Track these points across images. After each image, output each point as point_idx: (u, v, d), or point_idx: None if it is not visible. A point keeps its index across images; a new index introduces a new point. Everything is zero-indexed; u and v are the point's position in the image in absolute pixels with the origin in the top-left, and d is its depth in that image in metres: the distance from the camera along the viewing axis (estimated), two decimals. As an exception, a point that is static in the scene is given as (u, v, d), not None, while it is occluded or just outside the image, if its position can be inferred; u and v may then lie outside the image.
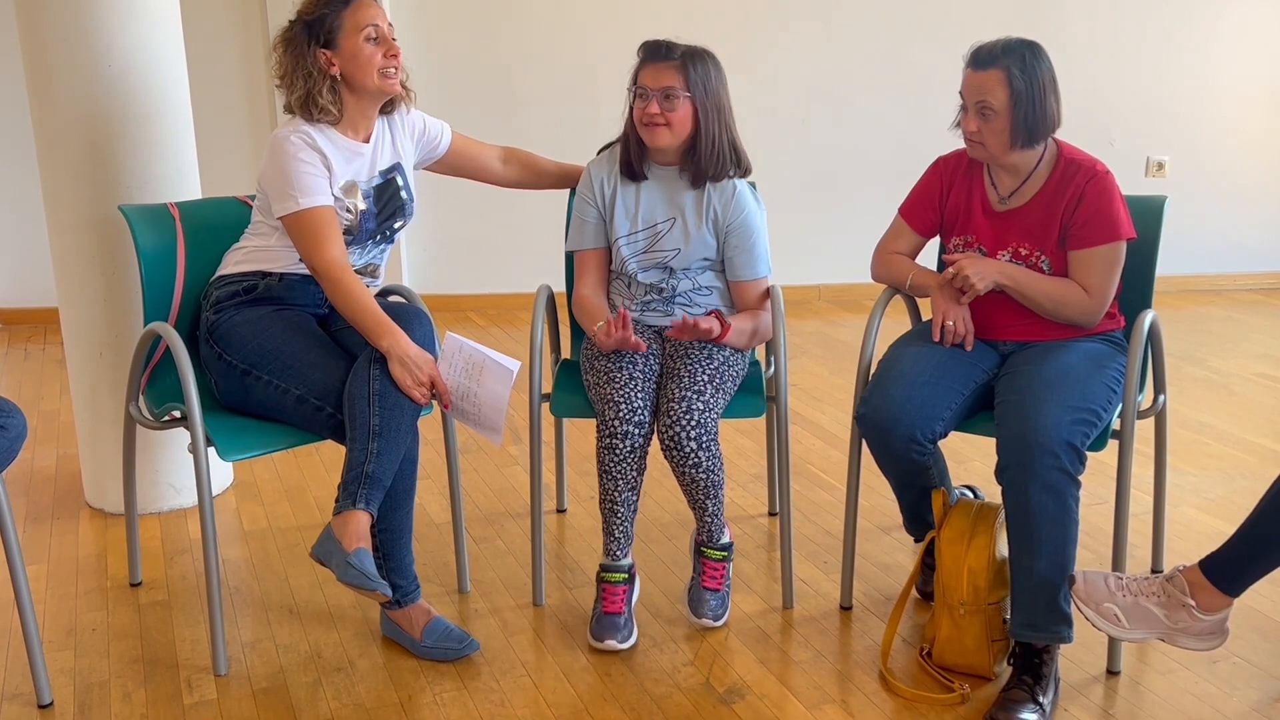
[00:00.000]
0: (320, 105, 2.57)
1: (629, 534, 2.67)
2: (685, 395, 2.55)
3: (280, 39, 2.61)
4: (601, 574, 2.67)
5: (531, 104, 5.57)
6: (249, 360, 2.55)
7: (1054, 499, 2.29)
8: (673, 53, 2.62)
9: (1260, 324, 5.45)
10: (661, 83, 2.61)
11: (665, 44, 2.64)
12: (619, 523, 2.64)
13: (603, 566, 2.67)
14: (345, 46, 2.55)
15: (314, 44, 2.55)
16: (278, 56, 2.61)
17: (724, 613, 2.73)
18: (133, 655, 2.62)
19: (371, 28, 2.55)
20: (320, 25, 2.55)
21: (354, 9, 2.55)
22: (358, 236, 2.66)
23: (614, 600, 2.65)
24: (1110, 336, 2.62)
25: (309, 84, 2.56)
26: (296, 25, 2.58)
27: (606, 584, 2.66)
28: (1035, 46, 2.52)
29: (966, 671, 2.47)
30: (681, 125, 2.63)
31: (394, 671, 2.53)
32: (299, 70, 2.57)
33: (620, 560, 2.67)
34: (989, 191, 2.64)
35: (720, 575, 2.74)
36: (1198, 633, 2.22)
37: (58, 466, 3.73)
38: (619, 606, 2.64)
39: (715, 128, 2.65)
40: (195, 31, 4.21)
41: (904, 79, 5.66)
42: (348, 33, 2.55)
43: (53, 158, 3.15)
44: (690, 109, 2.62)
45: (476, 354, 2.51)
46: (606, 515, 2.65)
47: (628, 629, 2.63)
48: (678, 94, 2.60)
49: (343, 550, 2.28)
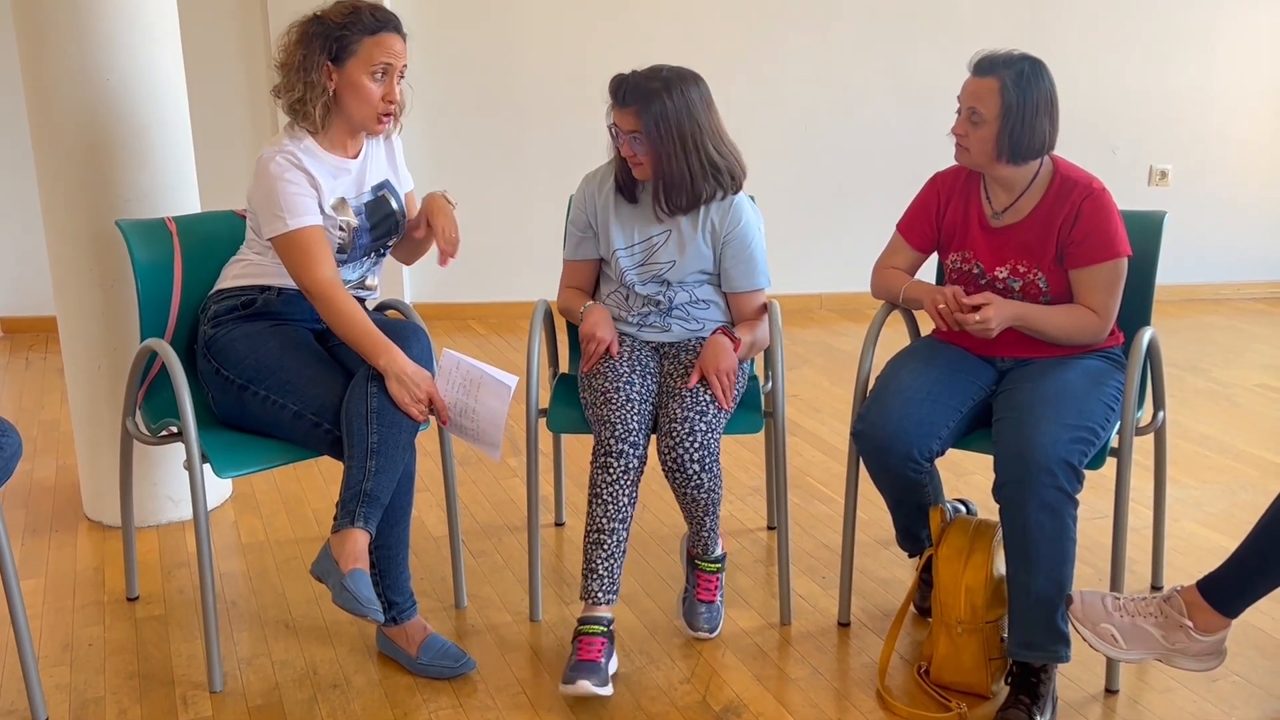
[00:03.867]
0: (308, 115, 2.53)
1: (614, 578, 2.52)
2: (688, 416, 2.54)
3: (298, 28, 2.53)
4: (579, 626, 2.51)
5: (531, 112, 5.57)
6: (246, 375, 2.55)
7: (1051, 518, 2.28)
8: (628, 99, 2.56)
9: (1263, 334, 5.44)
10: (625, 126, 2.59)
11: (625, 86, 2.58)
12: (603, 558, 2.51)
13: (580, 619, 2.52)
14: (350, 72, 2.51)
15: (324, 53, 2.50)
16: (287, 42, 2.54)
17: (718, 624, 2.72)
18: (129, 671, 2.61)
19: (382, 65, 2.51)
20: (338, 40, 2.49)
21: (376, 40, 2.50)
22: (351, 253, 2.65)
23: (590, 649, 2.47)
24: (1109, 353, 2.61)
25: (306, 90, 2.51)
26: (318, 26, 2.51)
27: (583, 635, 2.49)
28: (1038, 64, 2.51)
29: (964, 690, 2.46)
30: (650, 163, 2.61)
31: (390, 689, 2.53)
32: (302, 73, 2.51)
33: (599, 609, 2.51)
34: (985, 206, 2.64)
35: (714, 587, 2.73)
36: (1195, 654, 2.21)
37: (57, 477, 3.73)
38: (595, 655, 2.46)
39: (675, 164, 2.58)
40: (197, 43, 4.23)
41: (907, 88, 5.66)
42: (358, 60, 2.50)
43: (51, 169, 3.15)
44: (649, 150, 2.58)
45: (474, 370, 2.51)
46: (590, 549, 2.52)
47: (603, 676, 2.43)
48: (638, 137, 2.57)
49: (339, 571, 2.27)
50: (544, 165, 5.57)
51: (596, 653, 2.46)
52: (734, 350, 2.64)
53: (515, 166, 5.63)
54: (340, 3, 2.53)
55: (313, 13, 2.54)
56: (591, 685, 2.39)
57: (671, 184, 2.62)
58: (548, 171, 5.53)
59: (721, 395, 2.57)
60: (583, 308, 2.78)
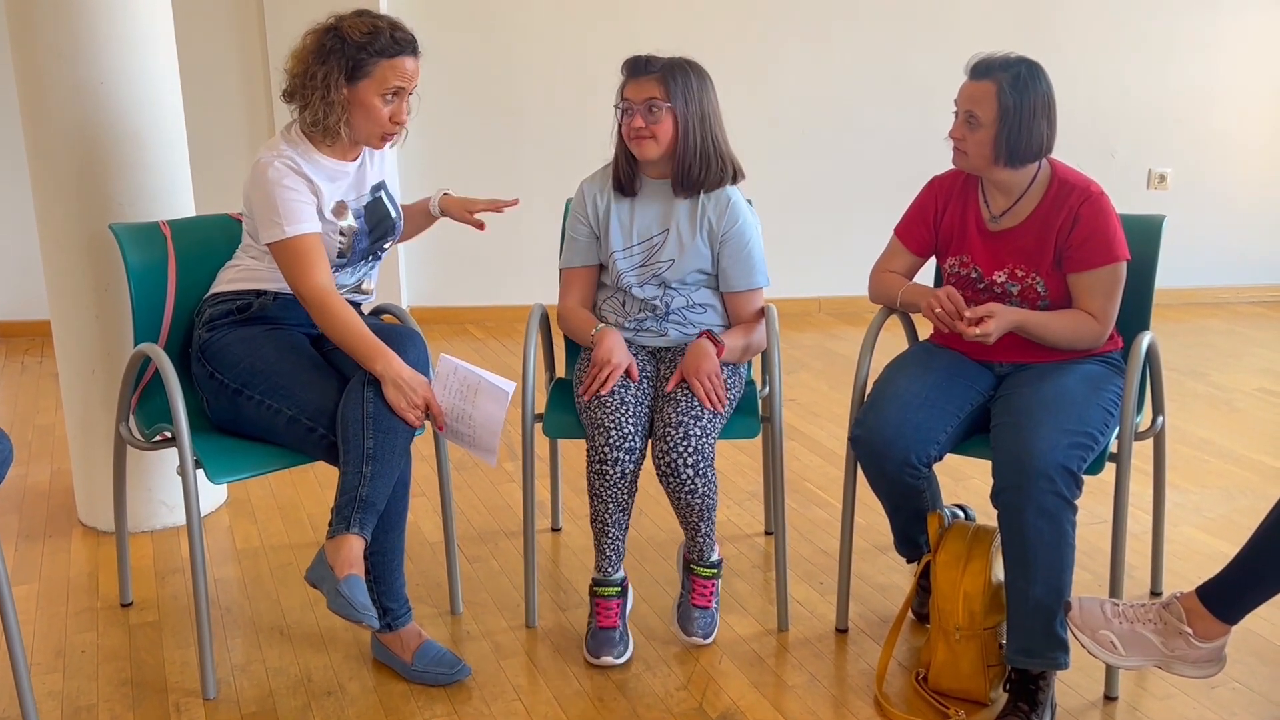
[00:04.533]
0: (329, 130, 2.51)
1: (620, 550, 2.67)
2: (683, 420, 2.53)
3: (315, 40, 2.49)
4: (594, 588, 2.67)
5: (529, 116, 5.56)
6: (241, 380, 2.53)
7: (1050, 524, 2.27)
8: (653, 66, 2.64)
9: (1263, 337, 5.43)
10: (643, 95, 2.62)
11: (646, 58, 2.66)
12: (610, 541, 2.64)
13: (595, 581, 2.68)
14: (362, 92, 2.48)
15: (340, 71, 2.47)
16: (303, 52, 2.50)
17: (713, 630, 2.71)
18: (122, 678, 2.60)
19: (395, 88, 2.50)
20: (354, 59, 2.46)
21: (392, 64, 2.48)
22: (350, 257, 2.64)
23: (608, 614, 2.65)
24: (1108, 358, 2.60)
25: (330, 112, 2.48)
26: (336, 40, 2.47)
27: (600, 598, 2.66)
28: (1035, 67, 2.50)
29: (962, 697, 2.45)
30: (665, 136, 2.64)
31: (384, 696, 2.51)
32: (323, 92, 2.47)
33: (612, 575, 2.67)
34: (982, 209, 2.63)
35: (709, 593, 2.72)
36: (1195, 660, 2.20)
37: (52, 482, 3.71)
38: (613, 620, 2.65)
39: (698, 136, 2.65)
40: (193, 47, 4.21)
41: (906, 91, 5.65)
42: (372, 82, 2.48)
43: (44, 173, 3.13)
44: (672, 120, 2.63)
45: (471, 375, 2.49)
46: (598, 534, 2.65)
47: (623, 643, 2.64)
48: (660, 105, 2.61)
49: (334, 577, 2.26)
50: (542, 169, 5.56)
51: (614, 618, 2.64)
52: (717, 354, 2.64)
53: (513, 170, 5.62)
54: (361, 16, 2.50)
55: (332, 22, 2.50)
56: (614, 658, 2.60)
57: (689, 158, 2.66)
58: (546, 175, 5.52)
59: (704, 397, 2.57)
60: (594, 330, 2.73)
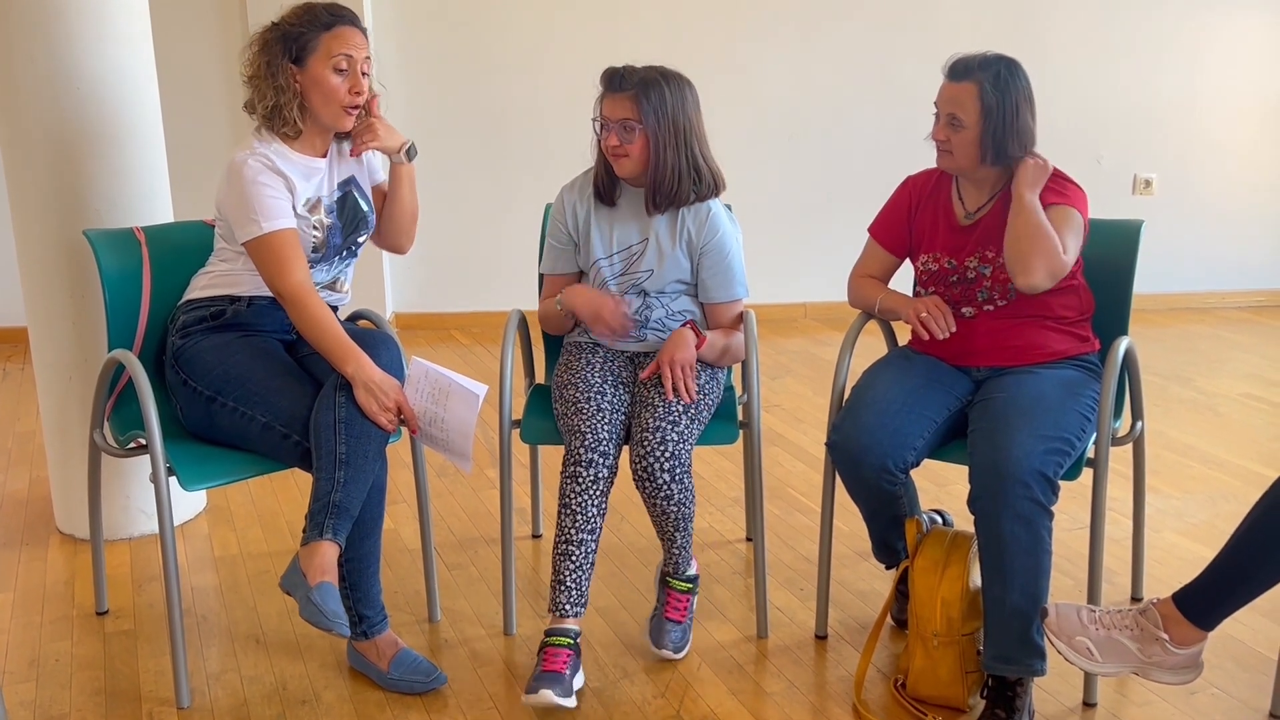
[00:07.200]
0: (287, 120, 2.53)
1: (582, 591, 2.50)
2: (659, 425, 2.52)
3: (258, 39, 2.55)
4: (545, 637, 2.49)
5: (511, 121, 5.55)
6: (214, 386, 2.52)
7: (1026, 530, 2.26)
8: (626, 84, 2.57)
9: (1248, 343, 5.43)
10: (618, 115, 2.58)
11: (621, 74, 2.59)
12: (571, 570, 2.48)
13: (547, 630, 2.49)
14: (312, 69, 2.51)
15: (286, 57, 2.50)
16: (250, 55, 2.55)
17: (685, 645, 2.68)
18: (95, 687, 2.57)
19: (343, 58, 2.50)
20: (295, 41, 2.50)
21: (333, 35, 2.50)
22: (325, 253, 2.63)
23: (555, 660, 2.45)
24: (1085, 361, 2.59)
25: (279, 97, 2.51)
26: (275, 32, 2.52)
27: (550, 646, 2.47)
28: (1013, 63, 2.50)
29: (940, 703, 2.44)
30: (640, 154, 2.60)
31: (360, 704, 2.49)
32: (270, 80, 2.51)
33: (566, 621, 2.49)
34: (955, 207, 2.63)
35: (684, 607, 2.69)
36: (1171, 666, 2.19)
37: (29, 490, 3.69)
38: (561, 667, 2.43)
39: (669, 155, 2.59)
40: (172, 51, 4.19)
41: (891, 96, 5.64)
42: (319, 57, 2.50)
43: (20, 179, 3.11)
44: (644, 139, 2.58)
45: (442, 379, 2.48)
46: (559, 560, 2.49)
47: (567, 687, 2.41)
48: (633, 125, 2.57)
49: (306, 584, 2.24)
50: (526, 173, 5.54)
51: (561, 664, 2.44)
52: (696, 345, 2.62)
53: (497, 175, 5.60)
54: (295, 7, 2.54)
55: (271, 22, 2.55)
56: (554, 695, 2.36)
57: (661, 176, 2.61)
58: (530, 180, 5.50)
59: (669, 389, 2.54)
60: (557, 303, 2.72)
